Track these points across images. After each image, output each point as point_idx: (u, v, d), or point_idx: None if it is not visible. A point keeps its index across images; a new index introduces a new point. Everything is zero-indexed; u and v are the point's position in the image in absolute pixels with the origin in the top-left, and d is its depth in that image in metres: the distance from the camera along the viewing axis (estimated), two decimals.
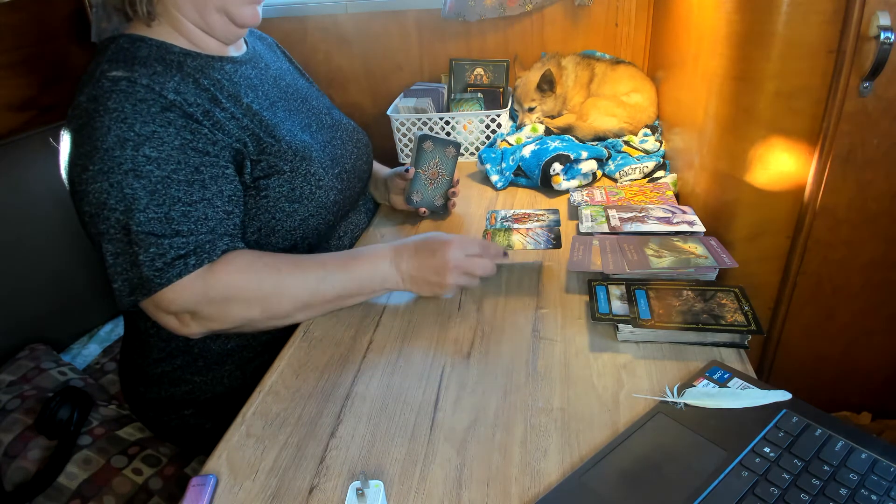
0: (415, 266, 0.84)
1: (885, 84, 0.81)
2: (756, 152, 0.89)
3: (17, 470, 0.94)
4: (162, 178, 0.75)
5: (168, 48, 0.83)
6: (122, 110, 0.75)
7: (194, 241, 0.76)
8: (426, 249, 0.84)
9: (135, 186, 0.74)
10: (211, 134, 0.81)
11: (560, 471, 0.59)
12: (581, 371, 0.71)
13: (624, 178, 1.18)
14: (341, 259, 0.85)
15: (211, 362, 0.92)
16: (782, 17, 0.79)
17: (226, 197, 0.81)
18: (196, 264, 0.76)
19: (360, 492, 0.55)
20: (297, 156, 0.89)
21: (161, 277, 0.74)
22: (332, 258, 0.85)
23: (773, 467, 0.55)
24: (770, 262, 0.98)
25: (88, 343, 1.30)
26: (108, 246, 0.75)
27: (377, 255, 0.85)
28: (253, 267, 0.79)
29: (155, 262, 0.74)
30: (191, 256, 0.76)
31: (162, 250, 0.74)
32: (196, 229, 0.77)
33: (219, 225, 0.79)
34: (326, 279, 0.82)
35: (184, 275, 0.75)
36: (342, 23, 1.57)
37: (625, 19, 1.47)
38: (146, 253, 0.74)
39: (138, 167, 0.74)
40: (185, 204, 0.76)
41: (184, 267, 0.75)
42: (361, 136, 1.11)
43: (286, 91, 0.99)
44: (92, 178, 0.74)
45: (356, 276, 0.84)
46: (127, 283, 0.75)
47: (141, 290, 0.75)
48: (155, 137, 0.76)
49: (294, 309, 0.82)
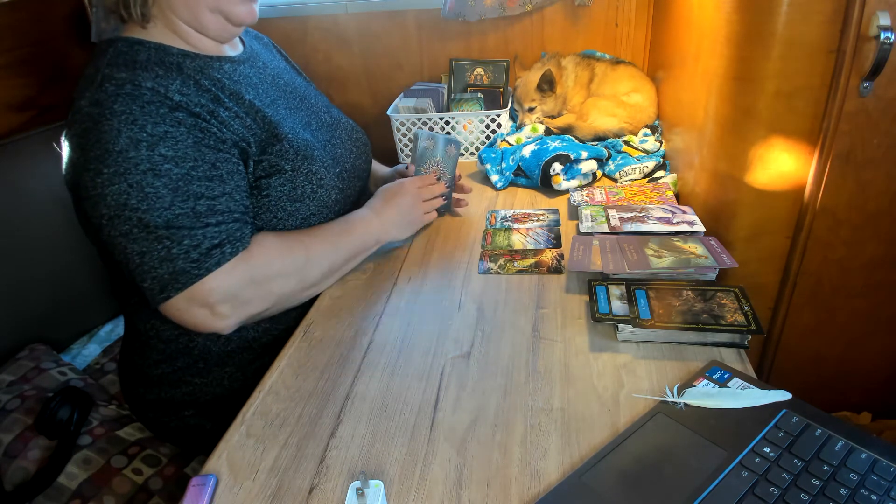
0: (392, 212, 0.99)
1: (885, 84, 0.81)
2: (756, 152, 0.89)
3: (17, 470, 0.94)
4: (182, 175, 0.76)
5: (166, 50, 0.83)
6: (131, 112, 0.74)
7: (226, 229, 0.79)
8: (391, 193, 1.01)
9: (156, 185, 0.74)
10: (219, 132, 0.81)
11: (560, 471, 0.59)
12: (581, 371, 0.71)
13: (624, 178, 1.18)
14: (341, 227, 0.94)
15: (211, 364, 0.92)
16: (782, 17, 0.79)
17: (243, 190, 0.83)
18: (232, 252, 0.78)
19: (360, 492, 0.55)
20: (299, 154, 0.89)
21: (199, 268, 0.75)
22: (331, 229, 0.93)
23: (773, 467, 0.55)
24: (770, 262, 0.98)
25: (88, 343, 1.30)
26: (133, 246, 0.75)
27: (364, 218, 0.97)
28: (284, 244, 0.85)
29: (190, 253, 0.75)
30: (226, 245, 0.78)
31: (196, 241, 0.76)
32: (224, 220, 0.79)
33: (242, 215, 0.82)
34: (337, 244, 0.91)
35: (223, 263, 0.77)
36: (342, 23, 1.57)
37: (625, 19, 1.47)
38: (180, 245, 0.75)
39: (156, 166, 0.74)
40: (208, 199, 0.78)
41: (221, 255, 0.77)
42: (360, 135, 1.11)
43: (285, 90, 0.99)
44: (108, 180, 0.73)
45: (357, 237, 0.94)
46: (157, 280, 0.75)
47: (174, 285, 0.75)
48: (168, 137, 0.76)
49: (321, 275, 0.90)
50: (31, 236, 1.20)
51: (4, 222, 1.16)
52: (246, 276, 0.79)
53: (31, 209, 1.20)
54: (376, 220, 0.97)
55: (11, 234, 1.17)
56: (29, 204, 1.20)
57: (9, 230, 1.17)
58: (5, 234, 1.16)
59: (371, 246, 0.97)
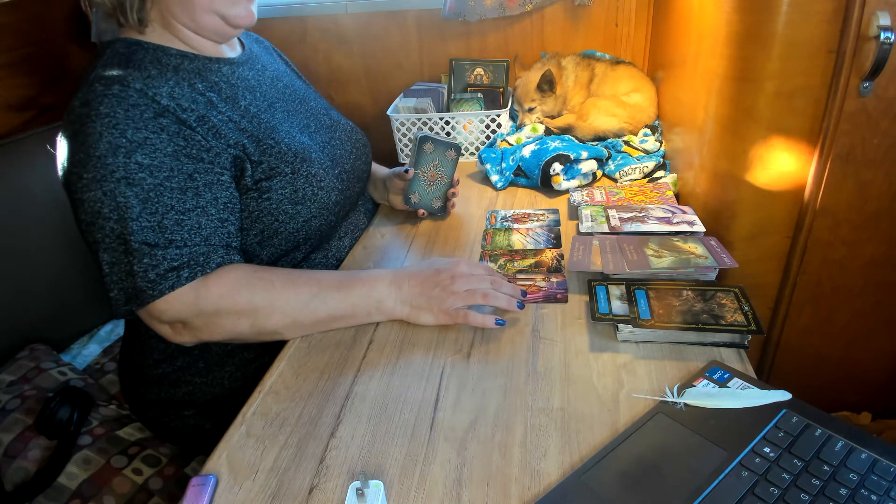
0: (416, 284, 0.80)
1: (885, 84, 0.81)
2: (756, 152, 0.89)
3: (17, 470, 0.94)
4: (154, 185, 0.75)
5: (165, 51, 0.83)
6: (114, 115, 0.74)
7: (188, 252, 0.75)
8: (428, 269, 0.82)
9: (127, 195, 0.73)
10: (205, 140, 0.80)
11: (560, 471, 0.59)
12: (581, 371, 0.71)
13: (624, 178, 1.18)
14: (339, 278, 0.82)
15: (211, 364, 0.92)
16: (782, 17, 0.79)
17: (220, 204, 0.80)
18: (189, 277, 0.75)
19: (360, 492, 0.55)
20: (296, 157, 0.89)
21: (154, 289, 0.74)
22: (329, 277, 0.82)
23: (773, 467, 0.55)
24: (770, 262, 0.98)
25: (88, 343, 1.30)
26: (104, 255, 0.75)
27: (376, 277, 0.82)
28: (247, 281, 0.77)
29: (148, 273, 0.74)
30: (184, 269, 0.75)
31: (155, 261, 0.74)
32: (190, 239, 0.76)
33: (213, 234, 0.78)
34: (319, 296, 0.79)
35: (176, 287, 0.74)
36: (342, 23, 1.57)
37: (625, 19, 1.47)
38: (140, 263, 0.74)
39: (130, 175, 0.73)
40: (178, 212, 0.76)
41: (176, 279, 0.74)
42: (360, 136, 1.11)
43: (284, 92, 0.99)
44: (86, 186, 0.73)
45: (351, 296, 0.80)
46: (122, 292, 0.75)
47: (135, 300, 0.75)
48: (147, 144, 0.75)
49: (283, 325, 0.79)
50: (31, 236, 1.20)
51: (4, 222, 1.16)
52: (192, 304, 0.75)
53: (31, 209, 1.20)
54: (391, 283, 0.81)
55: (11, 234, 1.17)
56: (29, 204, 1.20)
57: (9, 230, 1.17)
58: (5, 234, 1.16)
59: (371, 311, 0.81)
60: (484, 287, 0.79)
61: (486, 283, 0.79)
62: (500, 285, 0.80)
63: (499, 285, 0.80)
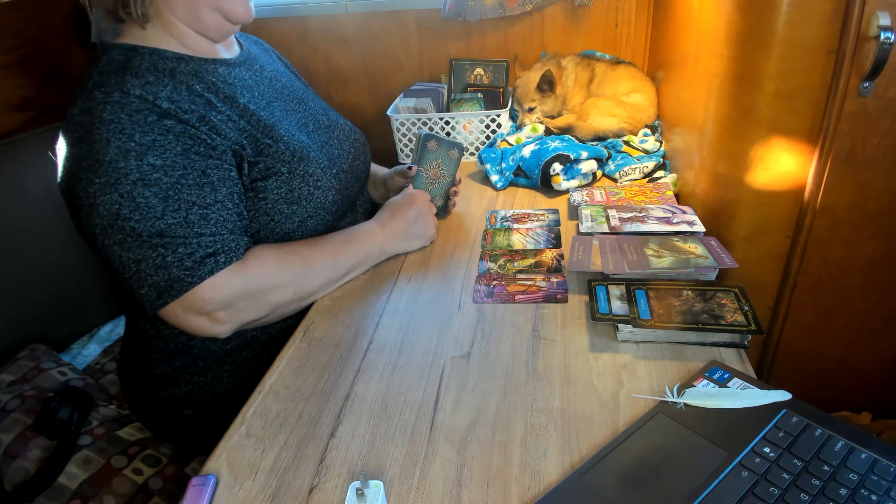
0: (398, 223, 0.98)
1: (885, 84, 0.81)
2: (756, 152, 0.89)
3: (17, 470, 0.94)
4: (171, 184, 0.76)
5: (161, 54, 0.83)
6: (119, 121, 0.75)
7: (220, 240, 0.79)
8: (398, 205, 1.00)
9: (146, 195, 0.74)
10: (209, 138, 0.81)
11: (560, 471, 0.59)
12: (581, 371, 0.71)
13: (624, 178, 1.18)
14: (344, 238, 0.94)
15: (210, 363, 0.92)
16: (782, 17, 0.79)
17: (236, 197, 0.83)
18: (226, 262, 0.78)
19: (360, 492, 0.55)
20: (294, 156, 0.89)
21: (193, 275, 0.76)
22: (334, 239, 0.93)
23: (773, 467, 0.55)
24: (770, 262, 0.98)
25: (88, 343, 1.30)
26: (128, 254, 0.75)
27: (370, 230, 0.97)
28: (281, 257, 0.85)
29: (184, 261, 0.75)
30: (220, 255, 0.78)
31: (190, 249, 0.76)
32: (218, 231, 0.79)
33: (236, 226, 0.82)
34: (340, 255, 0.91)
35: (216, 272, 0.77)
36: (342, 23, 1.57)
37: (625, 19, 1.47)
38: (174, 253, 0.75)
39: (145, 176, 0.75)
40: (200, 207, 0.78)
41: (214, 264, 0.77)
42: (358, 136, 1.11)
43: (282, 92, 0.99)
44: (100, 190, 0.74)
45: (359, 250, 0.94)
46: (154, 287, 0.76)
47: (170, 292, 0.76)
48: (156, 146, 0.76)
49: (320, 286, 0.90)
50: (31, 236, 1.20)
51: (4, 222, 1.16)
52: (241, 288, 0.80)
53: (31, 209, 1.20)
54: (381, 231, 0.97)
55: (11, 234, 1.17)
56: (29, 204, 1.20)
57: (9, 230, 1.17)
58: (5, 233, 1.16)
59: (375, 257, 0.97)
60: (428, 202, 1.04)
61: (427, 197, 1.04)
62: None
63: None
